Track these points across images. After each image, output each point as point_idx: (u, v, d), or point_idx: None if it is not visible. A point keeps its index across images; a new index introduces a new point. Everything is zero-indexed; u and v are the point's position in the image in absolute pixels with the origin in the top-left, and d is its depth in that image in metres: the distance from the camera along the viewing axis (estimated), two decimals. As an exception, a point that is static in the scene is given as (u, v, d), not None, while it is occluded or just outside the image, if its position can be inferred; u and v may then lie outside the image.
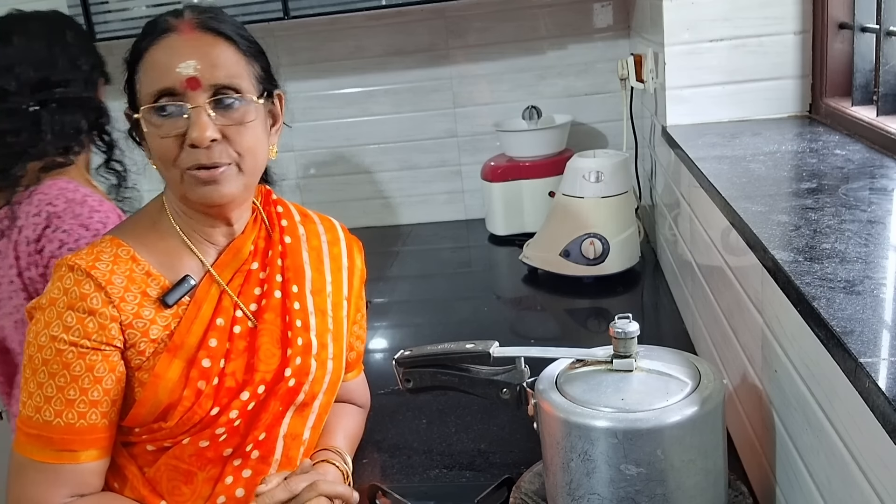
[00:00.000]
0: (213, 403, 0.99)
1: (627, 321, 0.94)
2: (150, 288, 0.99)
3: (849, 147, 1.33)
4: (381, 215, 2.64)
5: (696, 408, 0.88)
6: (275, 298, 1.06)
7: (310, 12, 2.15)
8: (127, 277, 0.98)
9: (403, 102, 2.52)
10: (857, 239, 0.90)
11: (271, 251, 1.09)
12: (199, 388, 0.99)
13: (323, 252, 1.15)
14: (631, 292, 1.91)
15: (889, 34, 1.34)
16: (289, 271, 1.09)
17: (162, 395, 0.97)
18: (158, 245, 1.02)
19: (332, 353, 1.10)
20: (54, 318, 0.95)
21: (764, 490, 1.04)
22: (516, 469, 1.13)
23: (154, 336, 0.98)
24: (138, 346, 0.97)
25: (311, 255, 1.13)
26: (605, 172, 1.87)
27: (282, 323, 1.06)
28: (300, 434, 1.09)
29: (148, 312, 0.98)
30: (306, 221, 1.17)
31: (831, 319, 0.70)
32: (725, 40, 1.62)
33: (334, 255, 1.16)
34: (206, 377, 0.99)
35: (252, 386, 1.02)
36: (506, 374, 1.05)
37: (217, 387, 1.00)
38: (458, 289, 2.05)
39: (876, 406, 0.60)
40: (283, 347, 1.05)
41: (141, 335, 0.97)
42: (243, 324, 1.04)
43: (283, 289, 1.08)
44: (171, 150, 0.96)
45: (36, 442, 0.95)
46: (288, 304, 1.07)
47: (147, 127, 0.96)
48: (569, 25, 2.39)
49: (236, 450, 1.04)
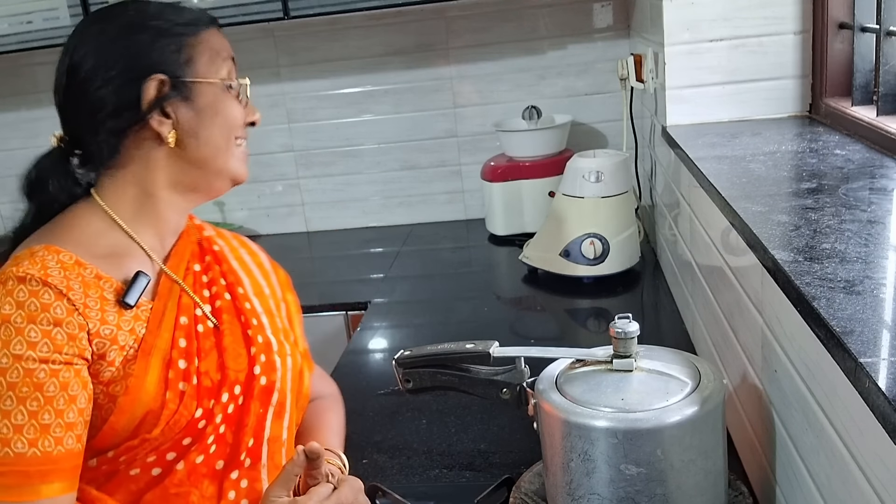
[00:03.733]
0: (196, 404, 0.95)
1: (627, 321, 0.94)
2: (106, 291, 0.93)
3: (849, 147, 1.33)
4: (381, 215, 2.64)
5: (696, 408, 0.88)
6: (226, 300, 1.05)
7: (310, 12, 2.15)
8: (81, 283, 0.90)
9: (403, 102, 2.52)
10: (857, 239, 0.90)
11: (208, 256, 1.08)
12: (180, 390, 0.94)
13: (245, 259, 1.15)
14: (631, 292, 1.91)
15: (889, 34, 1.34)
16: (229, 275, 1.08)
17: (143, 401, 0.91)
18: (99, 246, 0.96)
19: (289, 350, 1.10)
20: (13, 336, 0.85)
21: (764, 490, 1.04)
22: (516, 469, 1.13)
23: (122, 343, 0.92)
24: (108, 357, 0.90)
25: (238, 262, 1.13)
26: (605, 172, 1.87)
27: (239, 323, 1.04)
28: (280, 436, 1.07)
29: (112, 318, 0.92)
30: (219, 235, 1.16)
31: (831, 319, 0.70)
32: (725, 40, 1.62)
33: (256, 262, 1.17)
34: (185, 377, 0.95)
35: (227, 386, 0.99)
36: (506, 374, 1.05)
37: (197, 387, 0.96)
38: (458, 289, 2.05)
39: (876, 406, 0.60)
40: (247, 346, 1.03)
41: (110, 343, 0.91)
42: (204, 323, 1.02)
43: (231, 291, 1.07)
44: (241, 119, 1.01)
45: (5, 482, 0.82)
46: (239, 304, 1.06)
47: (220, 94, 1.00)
48: (569, 25, 2.39)
49: (229, 461, 1.00)
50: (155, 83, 0.95)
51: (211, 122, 0.99)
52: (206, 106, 0.98)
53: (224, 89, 1.00)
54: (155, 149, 0.97)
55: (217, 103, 0.99)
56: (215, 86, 0.99)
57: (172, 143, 0.97)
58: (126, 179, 0.99)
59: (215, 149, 1.00)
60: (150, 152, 0.98)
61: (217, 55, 1.00)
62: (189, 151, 0.98)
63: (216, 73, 0.99)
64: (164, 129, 0.96)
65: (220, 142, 1.00)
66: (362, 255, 2.42)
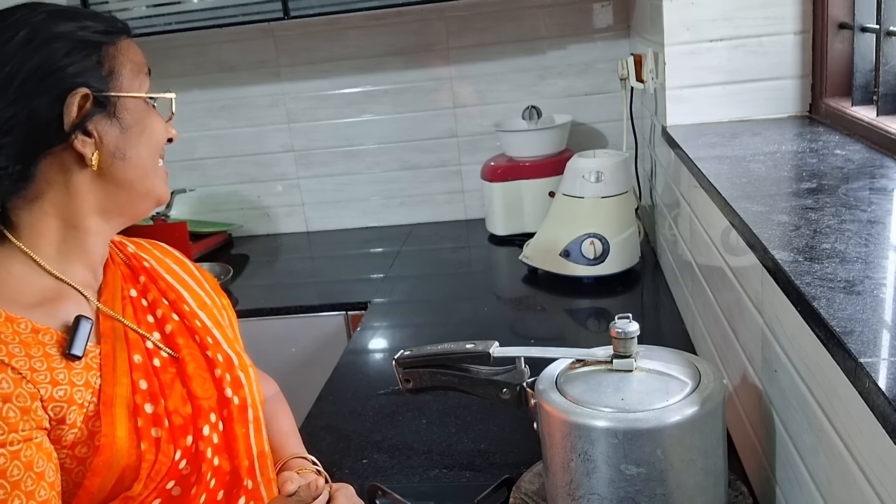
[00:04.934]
0: (174, 448, 0.88)
1: (627, 321, 0.94)
2: (48, 346, 0.82)
3: (849, 147, 1.33)
4: (381, 215, 2.64)
5: (696, 408, 0.88)
6: (175, 322, 0.97)
7: (310, 12, 2.15)
8: (19, 343, 0.80)
9: (403, 102, 2.52)
10: (857, 239, 0.90)
11: (142, 276, 0.99)
12: (154, 437, 0.87)
13: (176, 271, 1.07)
14: (631, 292, 1.91)
15: (889, 34, 1.34)
16: (169, 293, 1.00)
17: (118, 457, 0.83)
18: (26, 294, 0.85)
19: (247, 360, 1.05)
20: None
21: (764, 490, 1.04)
22: (516, 469, 1.13)
23: (80, 400, 0.82)
24: (67, 419, 0.81)
25: (172, 276, 1.04)
26: (605, 172, 1.87)
27: (196, 345, 0.97)
28: (264, 450, 1.03)
29: (62, 376, 0.82)
30: (140, 248, 1.06)
31: (831, 319, 0.70)
32: (725, 40, 1.62)
33: (187, 271, 1.09)
34: (156, 422, 0.88)
35: (202, 418, 0.93)
36: (506, 374, 1.05)
37: (170, 429, 0.88)
38: (458, 289, 2.05)
39: (876, 406, 0.60)
40: (211, 369, 0.97)
41: (67, 406, 0.81)
42: (158, 355, 0.93)
43: (177, 310, 0.99)
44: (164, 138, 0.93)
45: None
46: (189, 324, 0.98)
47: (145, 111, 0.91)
48: (569, 25, 2.39)
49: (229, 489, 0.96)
50: (77, 99, 0.84)
51: (138, 140, 0.90)
52: (132, 123, 0.89)
53: (147, 105, 0.91)
54: (76, 173, 0.86)
55: (144, 120, 0.90)
56: (140, 101, 0.90)
57: (96, 165, 0.86)
58: (45, 211, 0.87)
59: (143, 170, 0.91)
60: (71, 177, 0.86)
61: (138, 68, 0.91)
62: (115, 173, 0.88)
63: (140, 86, 0.90)
64: (88, 151, 0.85)
65: (148, 162, 0.91)
66: (362, 255, 2.42)
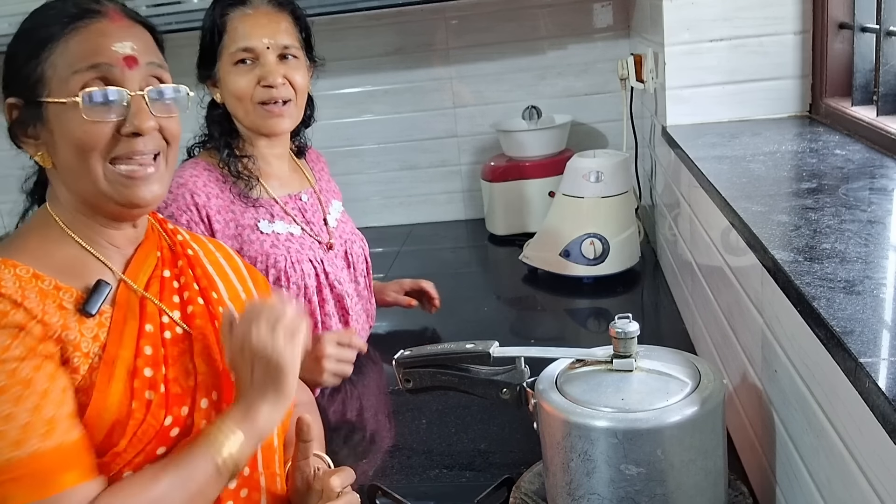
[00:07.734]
0: (165, 413, 0.92)
1: (627, 321, 0.94)
2: (65, 301, 0.89)
3: (849, 147, 1.33)
4: (381, 215, 2.64)
5: (696, 408, 0.88)
6: (199, 305, 1.02)
7: (310, 12, 2.14)
8: (38, 293, 0.87)
9: (403, 102, 2.52)
10: (857, 239, 0.90)
11: (180, 261, 1.05)
12: (147, 399, 0.91)
13: (221, 264, 1.12)
14: (631, 292, 1.91)
15: (889, 34, 1.34)
16: (203, 280, 1.05)
17: (108, 412, 0.88)
18: (56, 257, 0.92)
19: None
20: None
21: (764, 490, 1.04)
22: (516, 469, 1.13)
23: (86, 350, 0.89)
24: (73, 363, 0.87)
25: (214, 267, 1.09)
26: (605, 172, 1.87)
27: (213, 328, 1.01)
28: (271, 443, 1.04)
29: (73, 325, 0.89)
30: (195, 240, 1.13)
31: (831, 319, 0.70)
32: (725, 40, 1.62)
33: (233, 267, 1.14)
34: (152, 386, 0.92)
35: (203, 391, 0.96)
36: (506, 374, 1.05)
37: (165, 395, 0.93)
38: (458, 289, 2.05)
39: (876, 406, 0.60)
40: (222, 352, 1.00)
41: (73, 349, 0.88)
42: (172, 329, 0.98)
43: (205, 296, 1.03)
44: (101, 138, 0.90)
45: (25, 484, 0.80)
46: (212, 309, 1.03)
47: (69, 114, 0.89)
48: (569, 25, 2.39)
49: None
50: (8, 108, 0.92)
51: (64, 144, 0.90)
52: (57, 127, 0.90)
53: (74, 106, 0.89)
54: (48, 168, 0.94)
55: (65, 123, 0.89)
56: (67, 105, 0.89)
57: (49, 165, 0.93)
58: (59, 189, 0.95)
59: (74, 173, 0.92)
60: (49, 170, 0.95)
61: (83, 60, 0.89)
62: (61, 174, 0.93)
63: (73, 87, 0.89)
64: (32, 150, 0.93)
65: (76, 164, 0.91)
66: (362, 255, 2.41)
